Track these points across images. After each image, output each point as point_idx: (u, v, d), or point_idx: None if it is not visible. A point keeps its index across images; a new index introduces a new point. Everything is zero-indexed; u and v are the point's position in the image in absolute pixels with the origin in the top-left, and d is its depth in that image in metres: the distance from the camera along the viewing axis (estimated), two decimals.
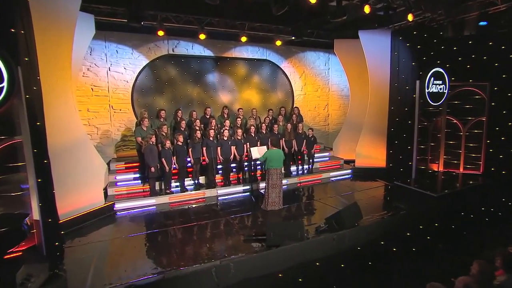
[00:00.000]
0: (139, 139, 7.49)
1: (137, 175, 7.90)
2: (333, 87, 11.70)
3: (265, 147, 7.66)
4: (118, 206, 7.01)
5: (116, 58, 8.83)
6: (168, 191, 7.50)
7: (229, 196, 7.81)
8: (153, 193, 7.37)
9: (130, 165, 8.20)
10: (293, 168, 9.14)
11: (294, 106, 9.97)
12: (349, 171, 9.54)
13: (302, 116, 9.85)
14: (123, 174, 8.00)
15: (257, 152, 7.42)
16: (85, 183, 6.46)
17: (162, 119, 8.10)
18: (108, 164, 8.22)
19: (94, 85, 8.64)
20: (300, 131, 8.94)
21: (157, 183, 7.54)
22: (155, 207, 7.17)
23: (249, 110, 9.58)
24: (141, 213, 6.89)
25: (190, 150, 7.68)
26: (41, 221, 4.65)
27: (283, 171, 7.15)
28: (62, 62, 5.90)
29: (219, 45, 9.93)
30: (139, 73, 9.18)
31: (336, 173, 9.43)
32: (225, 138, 7.99)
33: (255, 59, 10.48)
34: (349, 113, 10.42)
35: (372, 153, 9.30)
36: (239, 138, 8.19)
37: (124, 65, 8.97)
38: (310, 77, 11.36)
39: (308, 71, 11.29)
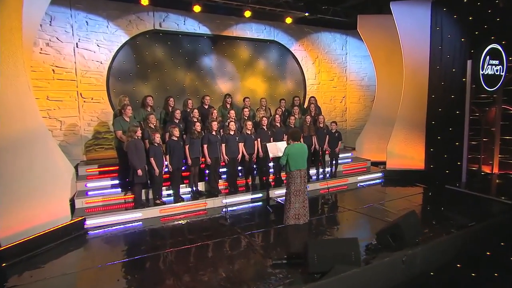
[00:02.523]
0: (120, 133, 6.19)
1: (116, 181, 6.64)
2: (352, 76, 10.81)
3: (284, 142, 6.54)
4: (90, 222, 5.74)
5: (86, 31, 7.52)
6: (158, 201, 6.26)
7: (237, 207, 6.64)
8: (138, 204, 6.10)
9: (106, 168, 6.96)
10: (312, 171, 8.05)
11: (310, 96, 8.91)
12: (379, 174, 8.64)
13: (320, 107, 8.83)
14: (96, 180, 6.73)
15: (276, 148, 6.26)
16: (43, 191, 5.13)
17: (148, 108, 6.84)
18: (76, 168, 6.91)
19: (56, 65, 7.28)
20: (322, 125, 7.91)
21: (143, 191, 6.31)
22: (141, 222, 5.95)
23: (256, 100, 8.53)
24: (122, 232, 5.61)
25: (187, 147, 6.45)
26: None
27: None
28: (9, 20, 4.59)
29: (218, 21, 8.85)
30: (117, 52, 7.93)
31: (363, 177, 8.50)
32: (232, 133, 6.81)
33: (260, 39, 9.47)
34: (376, 105, 9.55)
35: (407, 152, 8.40)
36: (249, 132, 7.03)
37: (97, 41, 7.67)
38: (324, 63, 10.44)
39: (322, 56, 10.36)
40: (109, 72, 7.88)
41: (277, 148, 6.31)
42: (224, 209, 6.22)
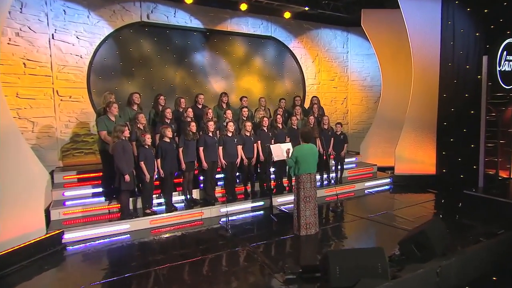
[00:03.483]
0: (104, 133, 5.79)
1: (99, 189, 6.22)
2: (353, 76, 10.74)
3: (289, 144, 6.28)
4: (69, 236, 5.30)
5: (63, 21, 7.14)
6: (148, 211, 5.86)
7: (237, 217, 6.32)
8: (125, 214, 5.68)
9: (87, 175, 6.57)
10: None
11: (312, 96, 8.75)
12: (387, 180, 8.49)
13: (323, 108, 8.66)
14: (75, 188, 6.32)
15: (280, 150, 5.97)
16: (14, 200, 4.67)
17: (135, 107, 6.50)
18: (51, 175, 6.47)
19: (28, 58, 6.85)
20: (326, 126, 7.70)
21: (131, 200, 5.87)
22: (129, 235, 5.53)
23: (251, 100, 8.31)
24: (107, 246, 5.18)
25: (180, 150, 6.10)
26: None
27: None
28: None
29: (211, 14, 8.63)
30: (99, 45, 7.57)
31: (371, 183, 8.32)
32: (230, 134, 6.50)
33: (257, 35, 9.30)
34: (381, 106, 9.45)
35: (417, 156, 8.29)
36: (248, 134, 6.74)
37: (77, 33, 7.30)
38: (325, 62, 10.34)
39: (322, 54, 10.26)
40: (90, 68, 7.50)
41: (281, 150, 6.01)
42: (223, 219, 5.85)
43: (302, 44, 9.94)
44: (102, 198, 6.08)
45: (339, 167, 7.99)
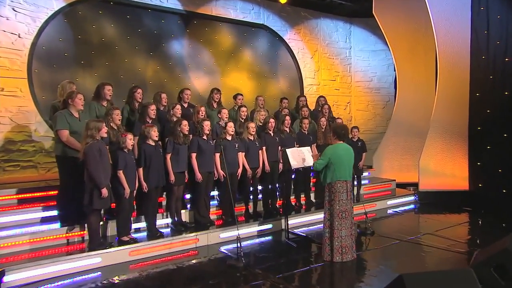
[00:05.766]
0: (66, 133, 5.06)
1: (53, 212, 5.46)
2: (358, 76, 10.87)
3: (308, 147, 5.95)
4: (12, 279, 4.48)
5: None
6: (126, 238, 5.16)
7: (243, 244, 5.69)
8: (95, 243, 4.93)
9: (30, 194, 5.74)
10: None
11: (319, 96, 8.65)
12: (411, 198, 8.43)
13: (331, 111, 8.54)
14: (15, 212, 5.48)
15: (299, 155, 5.60)
16: None
17: (105, 103, 5.86)
18: None
19: None
20: None
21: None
22: (100, 273, 4.77)
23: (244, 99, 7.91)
24: None
25: (169, 157, 5.56)
26: None
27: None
28: None
29: None
30: (46, 23, 7.00)
31: (392, 201, 8.22)
32: (229, 138, 6.05)
33: (246, 22, 9.19)
34: (397, 111, 9.51)
35: (446, 169, 8.27)
36: (251, 138, 6.33)
37: (13, 4, 6.72)
38: (325, 58, 10.42)
39: (322, 49, 10.34)
40: (33, 52, 6.88)
41: (300, 156, 5.63)
42: (226, 247, 5.47)
43: (299, 36, 9.94)
44: (57, 224, 5.28)
45: (355, 182, 7.78)
